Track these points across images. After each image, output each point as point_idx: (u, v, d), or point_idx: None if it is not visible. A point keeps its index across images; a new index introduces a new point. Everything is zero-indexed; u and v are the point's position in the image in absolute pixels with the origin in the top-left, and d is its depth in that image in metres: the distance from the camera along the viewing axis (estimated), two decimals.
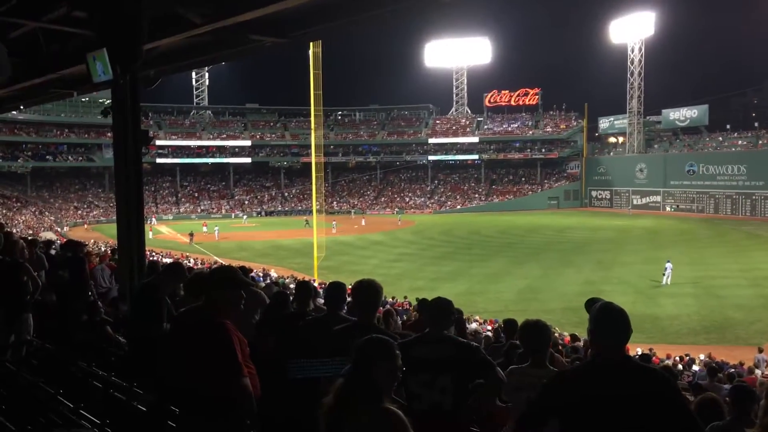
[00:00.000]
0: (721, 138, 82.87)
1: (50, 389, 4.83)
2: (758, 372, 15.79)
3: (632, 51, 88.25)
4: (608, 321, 3.01)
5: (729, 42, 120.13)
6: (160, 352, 4.42)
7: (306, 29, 8.98)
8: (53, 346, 6.68)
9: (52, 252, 12.27)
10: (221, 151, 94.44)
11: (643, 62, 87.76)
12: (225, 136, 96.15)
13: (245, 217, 79.39)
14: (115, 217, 11.12)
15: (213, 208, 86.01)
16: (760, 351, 18.29)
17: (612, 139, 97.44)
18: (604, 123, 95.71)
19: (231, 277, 3.84)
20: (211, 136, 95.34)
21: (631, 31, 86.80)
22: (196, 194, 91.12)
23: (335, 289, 5.17)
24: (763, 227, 57.69)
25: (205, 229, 59.94)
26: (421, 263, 39.04)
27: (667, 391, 2.89)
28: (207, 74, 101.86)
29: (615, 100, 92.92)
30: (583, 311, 3.27)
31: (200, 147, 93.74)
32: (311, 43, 34.93)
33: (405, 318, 13.90)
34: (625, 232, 57.41)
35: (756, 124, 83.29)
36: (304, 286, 6.38)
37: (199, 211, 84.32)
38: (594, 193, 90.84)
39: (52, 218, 69.69)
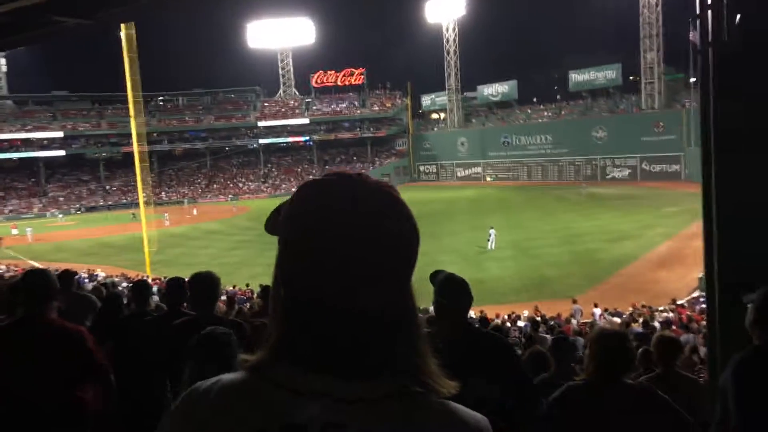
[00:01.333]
0: (530, 110, 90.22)
1: None
2: (574, 321, 17.68)
3: (447, 30, 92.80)
4: (452, 290, 3.26)
5: (532, 22, 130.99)
6: None
7: (111, 9, 8.40)
8: None
9: None
10: (28, 144, 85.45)
11: (457, 41, 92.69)
12: (31, 127, 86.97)
13: (61, 215, 72.91)
14: None
15: (23, 208, 77.86)
16: (575, 302, 20.48)
17: (434, 116, 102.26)
18: (426, 100, 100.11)
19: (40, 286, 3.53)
20: (14, 128, 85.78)
21: (445, 11, 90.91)
22: (2, 193, 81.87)
23: (173, 285, 4.98)
24: (570, 190, 63.94)
25: (15, 231, 54.27)
26: (259, 248, 38.45)
27: (506, 352, 3.22)
28: (3, 60, 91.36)
29: (435, 78, 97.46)
30: (422, 282, 3.46)
31: (2, 140, 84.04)
32: (123, 25, 32.70)
33: (248, 306, 13.69)
34: (452, 203, 60.79)
35: (558, 97, 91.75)
36: (141, 285, 6.08)
37: (6, 212, 75.96)
38: (422, 168, 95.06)
39: None
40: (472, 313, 18.62)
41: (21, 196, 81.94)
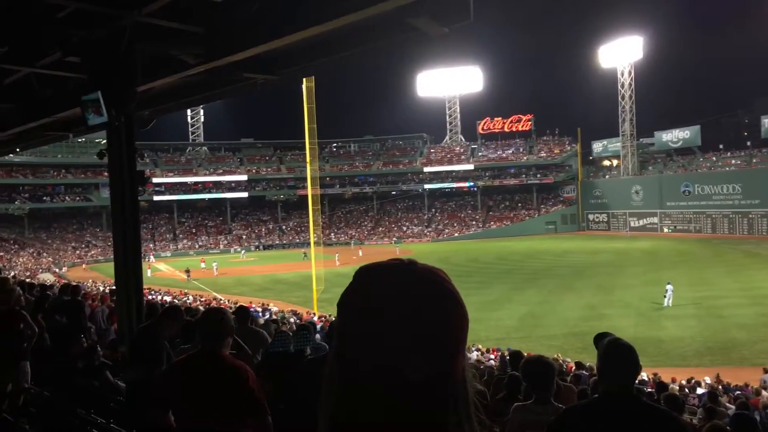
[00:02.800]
0: (714, 158, 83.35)
1: None
2: (765, 393, 15.62)
3: (622, 75, 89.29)
4: (617, 357, 2.98)
5: (716, 63, 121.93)
6: (162, 397, 4.33)
7: (296, 66, 9.08)
8: (51, 393, 6.59)
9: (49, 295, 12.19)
10: (218, 186, 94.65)
11: (633, 86, 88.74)
12: (221, 171, 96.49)
13: (243, 251, 79.21)
14: (112, 256, 11.09)
15: (211, 244, 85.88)
16: (766, 371, 18.12)
17: (606, 162, 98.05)
18: (597, 146, 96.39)
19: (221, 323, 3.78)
20: (208, 172, 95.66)
21: (620, 56, 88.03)
22: (194, 230, 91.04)
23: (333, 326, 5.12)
24: (762, 245, 57.68)
25: (203, 265, 59.75)
26: None
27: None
28: (202, 111, 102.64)
29: (607, 124, 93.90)
30: (587, 337, 3.27)
31: (197, 183, 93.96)
32: (304, 79, 35.30)
33: None
34: (624, 254, 57.35)
35: (748, 143, 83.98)
36: (303, 326, 6.33)
37: (197, 247, 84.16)
38: (591, 216, 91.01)
39: (50, 259, 69.40)
40: (645, 375, 17.23)
41: (210, 233, 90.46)
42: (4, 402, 6.66)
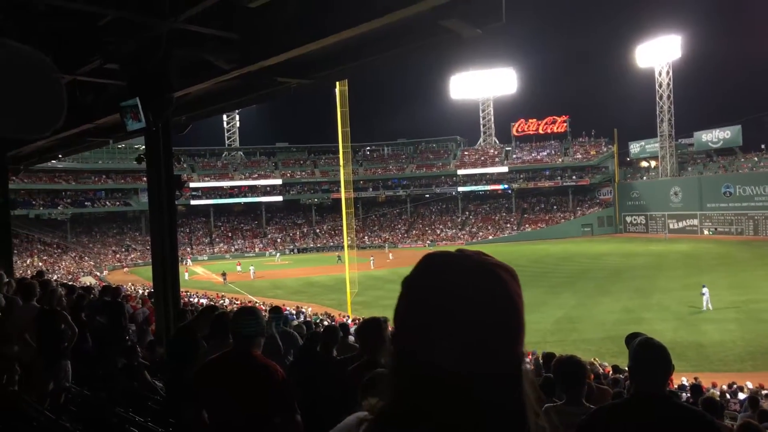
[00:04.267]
0: (756, 158, 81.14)
1: None
2: None
3: (660, 74, 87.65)
4: (648, 357, 2.94)
5: (757, 61, 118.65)
6: (195, 394, 4.40)
7: (329, 70, 9.15)
8: (91, 392, 6.75)
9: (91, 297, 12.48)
10: (253, 190, 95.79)
11: (671, 85, 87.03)
12: (256, 175, 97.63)
13: (278, 255, 79.95)
14: (151, 260, 11.30)
15: (246, 247, 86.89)
16: None
17: (644, 164, 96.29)
18: (635, 147, 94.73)
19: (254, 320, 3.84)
20: (243, 176, 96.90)
21: (658, 55, 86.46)
22: (230, 234, 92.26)
23: (368, 327, 5.14)
24: None
25: (239, 268, 60.47)
26: None
27: None
28: (237, 116, 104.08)
29: (645, 124, 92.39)
30: (622, 340, 3.22)
31: (233, 187, 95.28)
32: (337, 82, 35.50)
33: None
34: (663, 257, 56.20)
35: None
36: (331, 329, 6.37)
37: (233, 250, 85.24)
38: (628, 219, 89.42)
39: (91, 263, 71.09)
40: (684, 380, 16.86)
41: (245, 237, 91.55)
42: (46, 400, 6.85)
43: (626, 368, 14.63)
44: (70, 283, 20.19)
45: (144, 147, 10.88)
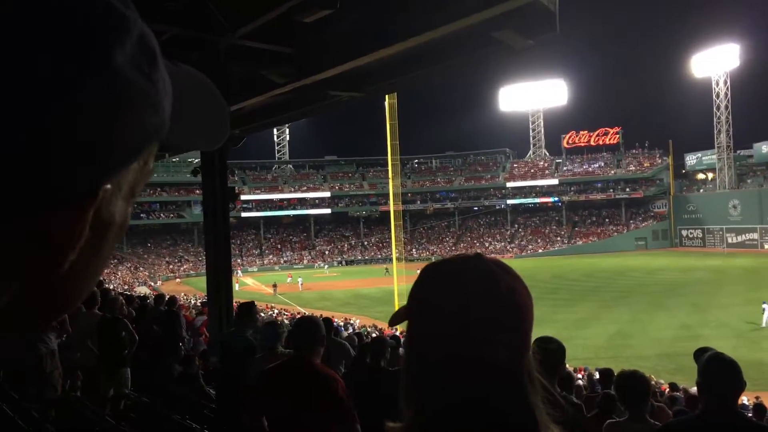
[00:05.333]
0: None
1: None
2: None
3: (717, 84, 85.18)
4: (719, 373, 2.84)
5: None
6: (254, 402, 4.45)
7: (381, 83, 9.21)
8: (149, 399, 6.91)
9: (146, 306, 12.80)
10: (302, 203, 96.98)
11: (729, 95, 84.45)
12: (305, 188, 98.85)
13: (326, 266, 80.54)
14: (203, 271, 11.57)
15: (295, 259, 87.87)
16: None
17: (701, 176, 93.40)
18: (691, 159, 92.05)
19: (315, 331, 3.87)
20: (292, 189, 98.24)
21: (715, 65, 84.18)
22: (279, 246, 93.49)
23: None
24: None
25: (289, 279, 61.15)
26: None
27: None
28: (287, 130, 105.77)
29: (701, 136, 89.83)
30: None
31: (282, 200, 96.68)
32: (386, 95, 35.76)
33: None
34: (721, 272, 54.25)
35: None
36: (379, 340, 6.38)
37: (282, 262, 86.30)
38: (684, 232, 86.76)
39: (146, 273, 73.09)
40: (745, 399, 16.16)
41: (294, 249, 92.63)
42: (106, 406, 7.05)
43: (683, 386, 14.16)
44: (128, 293, 20.80)
45: (198, 160, 11.16)
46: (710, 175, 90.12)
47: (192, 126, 0.41)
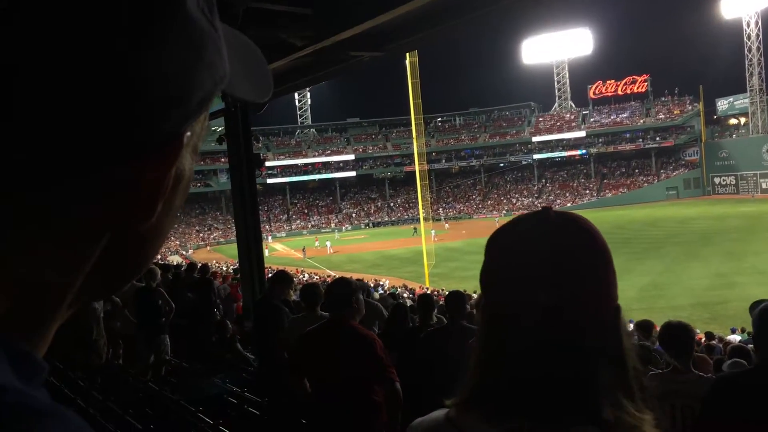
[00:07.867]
0: None
1: (191, 407, 5.09)
2: None
3: (747, 25, 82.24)
4: None
5: None
6: (296, 364, 4.46)
7: (402, 40, 9.03)
8: (189, 364, 7.07)
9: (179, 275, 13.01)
10: (327, 166, 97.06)
11: (761, 36, 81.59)
12: (329, 151, 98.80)
13: (337, 233, 78.11)
14: (232, 238, 11.68)
15: (323, 223, 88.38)
16: None
17: (733, 121, 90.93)
18: (722, 104, 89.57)
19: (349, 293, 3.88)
20: (316, 153, 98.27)
21: (745, 4, 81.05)
22: (306, 210, 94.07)
23: (452, 299, 5.12)
24: None
25: (317, 243, 61.61)
26: None
27: None
28: (309, 94, 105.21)
29: (733, 80, 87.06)
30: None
31: (307, 164, 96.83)
32: (407, 54, 35.24)
33: None
34: (755, 218, 53.18)
35: None
36: (426, 297, 6.43)
37: (309, 226, 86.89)
38: (717, 180, 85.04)
39: (177, 242, 74.29)
40: None
41: (321, 213, 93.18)
42: (148, 373, 7.24)
43: (719, 335, 14.09)
44: (162, 262, 21.15)
45: (222, 128, 11.16)
46: (743, 120, 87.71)
47: (243, 76, 0.43)
